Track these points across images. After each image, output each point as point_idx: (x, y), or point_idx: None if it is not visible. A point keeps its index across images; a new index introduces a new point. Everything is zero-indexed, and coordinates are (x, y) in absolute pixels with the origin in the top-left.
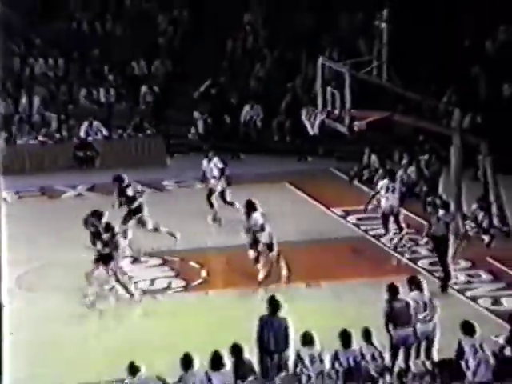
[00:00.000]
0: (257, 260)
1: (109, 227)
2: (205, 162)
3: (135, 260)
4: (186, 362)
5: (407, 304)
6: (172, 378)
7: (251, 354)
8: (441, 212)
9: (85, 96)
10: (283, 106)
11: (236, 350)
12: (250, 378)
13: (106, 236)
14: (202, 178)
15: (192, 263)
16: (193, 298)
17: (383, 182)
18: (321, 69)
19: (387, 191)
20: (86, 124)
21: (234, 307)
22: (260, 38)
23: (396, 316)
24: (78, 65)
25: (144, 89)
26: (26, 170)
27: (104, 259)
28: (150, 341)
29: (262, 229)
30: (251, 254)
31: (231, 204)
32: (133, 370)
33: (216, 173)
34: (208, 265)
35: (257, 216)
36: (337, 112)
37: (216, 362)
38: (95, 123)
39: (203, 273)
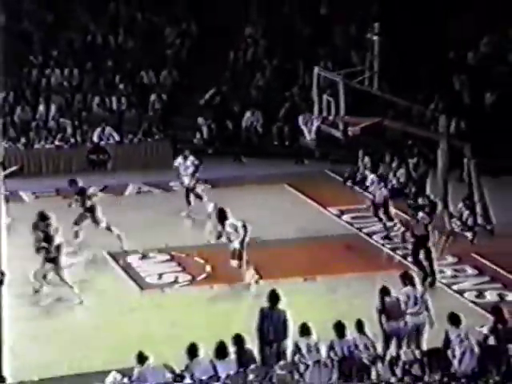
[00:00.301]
0: (240, 267)
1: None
2: (180, 159)
3: (144, 256)
4: (192, 351)
5: (397, 300)
6: (179, 366)
7: (252, 344)
8: (420, 214)
9: (98, 104)
10: (282, 112)
11: (238, 340)
12: (252, 366)
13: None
14: (177, 174)
15: (197, 259)
16: (198, 292)
17: (372, 176)
18: (316, 78)
19: (379, 183)
20: (98, 130)
21: (236, 300)
22: (260, 49)
23: (388, 311)
24: (91, 75)
25: (153, 97)
26: (43, 173)
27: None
28: (158, 331)
29: (245, 231)
30: (233, 263)
31: (200, 197)
32: (141, 358)
33: (191, 170)
34: (212, 260)
35: (232, 221)
36: (332, 118)
37: (221, 351)
38: (107, 129)
39: (208, 268)
